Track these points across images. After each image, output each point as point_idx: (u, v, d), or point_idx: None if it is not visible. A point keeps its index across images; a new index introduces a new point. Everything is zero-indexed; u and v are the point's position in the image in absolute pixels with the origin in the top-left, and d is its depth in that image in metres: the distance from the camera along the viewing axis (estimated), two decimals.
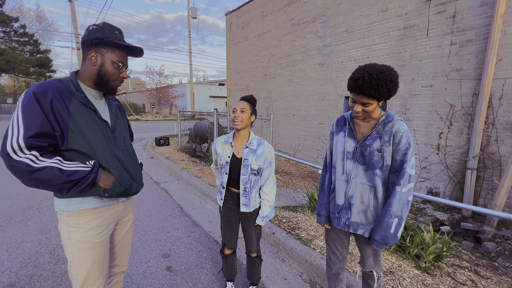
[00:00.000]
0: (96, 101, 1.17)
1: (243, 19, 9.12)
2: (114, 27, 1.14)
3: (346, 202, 1.38)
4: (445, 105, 4.24)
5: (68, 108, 1.01)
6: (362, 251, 1.43)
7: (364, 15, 5.30)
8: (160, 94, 29.32)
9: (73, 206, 1.09)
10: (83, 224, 1.11)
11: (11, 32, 22.27)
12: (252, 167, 1.60)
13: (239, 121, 1.56)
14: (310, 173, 6.29)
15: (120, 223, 1.32)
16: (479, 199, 3.94)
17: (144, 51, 1.22)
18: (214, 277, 2.14)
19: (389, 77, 1.15)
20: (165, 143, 8.26)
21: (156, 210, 3.49)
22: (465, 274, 2.16)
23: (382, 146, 1.26)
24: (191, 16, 20.23)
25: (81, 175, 1.01)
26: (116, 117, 1.25)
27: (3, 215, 3.14)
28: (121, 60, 1.14)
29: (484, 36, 3.76)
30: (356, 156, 1.34)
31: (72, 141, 1.02)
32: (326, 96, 6.33)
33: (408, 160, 1.21)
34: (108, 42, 1.09)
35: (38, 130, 0.94)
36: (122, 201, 1.26)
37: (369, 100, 1.20)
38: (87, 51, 1.11)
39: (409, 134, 1.23)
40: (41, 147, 0.97)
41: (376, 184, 1.29)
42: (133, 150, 1.32)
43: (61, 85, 1.04)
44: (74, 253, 1.12)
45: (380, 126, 1.28)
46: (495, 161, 3.77)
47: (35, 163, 0.94)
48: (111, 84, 1.16)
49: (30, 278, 2.04)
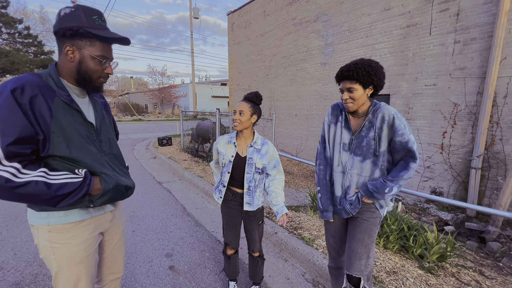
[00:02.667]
0: (80, 99, 1.02)
1: (245, 19, 9.12)
2: (92, 11, 0.93)
3: (343, 193, 1.42)
4: (449, 104, 4.20)
5: (50, 107, 0.86)
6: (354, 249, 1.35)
7: (367, 13, 5.27)
8: (162, 95, 29.45)
9: (54, 219, 0.95)
10: (67, 240, 0.98)
11: (15, 34, 22.52)
12: (257, 166, 1.61)
13: (237, 123, 1.57)
14: (313, 173, 6.27)
15: (109, 233, 1.21)
16: (484, 198, 3.90)
17: (130, 40, 1.03)
18: (216, 276, 2.14)
19: (367, 62, 1.27)
20: (167, 143, 8.29)
21: (159, 209, 3.51)
22: (469, 274, 2.14)
23: (375, 133, 1.31)
24: (193, 16, 20.27)
25: (71, 188, 0.88)
26: (102, 117, 1.11)
27: (8, 215, 3.18)
28: (102, 54, 0.97)
29: (489, 34, 3.72)
30: (352, 147, 1.37)
31: (54, 146, 0.87)
32: (329, 95, 6.31)
33: (410, 138, 1.27)
34: (85, 33, 0.91)
35: (18, 134, 0.79)
36: (110, 211, 1.16)
37: (352, 84, 1.29)
38: (61, 42, 0.92)
39: (399, 115, 1.29)
40: (23, 155, 0.82)
41: (373, 172, 1.34)
42: (120, 153, 1.19)
43: (40, 80, 0.88)
44: (60, 268, 1.00)
45: (371, 115, 1.34)
46: (500, 160, 3.73)
47: (16, 177, 0.79)
48: (95, 82, 1.00)
49: (35, 277, 2.06)
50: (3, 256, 2.33)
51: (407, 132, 1.27)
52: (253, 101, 1.60)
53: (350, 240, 1.40)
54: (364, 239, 1.35)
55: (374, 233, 1.37)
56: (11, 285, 1.96)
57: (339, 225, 1.52)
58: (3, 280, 2.01)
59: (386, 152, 1.34)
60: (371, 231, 1.36)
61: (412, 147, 1.26)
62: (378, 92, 1.34)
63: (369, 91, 1.32)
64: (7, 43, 22.69)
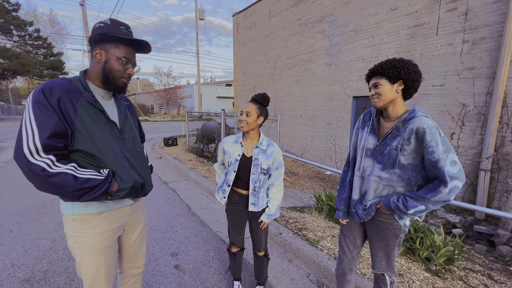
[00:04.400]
0: (105, 101, 1.14)
1: (250, 20, 9.14)
2: (120, 23, 1.10)
3: (360, 197, 1.39)
4: (457, 104, 4.14)
5: (75, 107, 0.99)
6: (374, 253, 1.41)
7: (373, 14, 5.23)
8: (168, 95, 29.72)
9: (77, 209, 1.08)
10: (88, 230, 1.09)
11: (25, 36, 23.08)
12: (262, 167, 1.62)
13: (244, 124, 1.58)
14: (318, 174, 6.24)
15: (130, 227, 1.29)
16: (493, 201, 3.82)
17: (151, 46, 1.16)
18: (221, 276, 2.16)
19: (396, 58, 1.24)
20: (173, 143, 8.37)
21: (165, 209, 3.55)
22: (477, 278, 2.10)
23: (399, 144, 1.21)
24: (199, 18, 20.42)
25: (94, 183, 0.99)
26: (125, 117, 1.21)
27: (19, 213, 3.26)
28: (125, 56, 1.09)
29: (498, 34, 3.65)
30: (376, 154, 1.31)
31: (78, 141, 0.99)
32: (334, 96, 6.27)
33: (441, 158, 1.09)
34: (111, 37, 1.05)
35: (53, 130, 0.92)
36: (129, 205, 1.23)
37: (377, 79, 1.25)
38: (92, 48, 1.08)
39: (434, 130, 1.12)
40: (58, 148, 0.95)
41: (395, 183, 1.25)
42: (143, 151, 1.29)
43: (68, 84, 1.02)
44: (82, 256, 1.12)
45: (401, 124, 1.23)
46: (510, 162, 3.65)
47: (51, 168, 0.92)
48: (117, 81, 1.11)
49: (44, 274, 2.10)
50: (14, 253, 2.39)
51: (439, 151, 1.10)
52: (260, 103, 1.61)
53: (370, 244, 1.44)
54: (382, 247, 1.36)
55: (393, 242, 1.33)
56: (22, 282, 2.01)
57: (354, 227, 1.50)
58: (14, 276, 2.07)
59: (419, 167, 1.21)
60: (388, 241, 1.33)
61: (442, 169, 1.08)
62: (411, 90, 1.24)
63: (399, 87, 1.23)
64: (18, 45, 23.25)
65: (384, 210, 1.30)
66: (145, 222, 1.38)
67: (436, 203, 1.15)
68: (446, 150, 1.11)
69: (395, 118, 1.29)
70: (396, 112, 1.28)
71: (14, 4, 21.49)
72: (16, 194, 3.94)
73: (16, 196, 3.86)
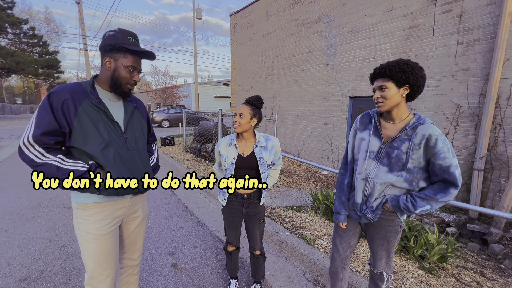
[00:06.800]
0: (112, 103, 1.24)
1: (247, 20, 9.15)
2: (128, 33, 1.20)
3: (363, 200, 1.38)
4: (452, 105, 4.20)
5: (76, 108, 1.10)
6: (376, 252, 1.43)
7: (369, 15, 5.28)
8: (165, 95, 29.57)
9: (80, 199, 1.19)
10: (88, 217, 1.19)
11: (20, 34, 22.80)
12: (268, 163, 1.68)
13: (237, 125, 1.60)
14: (314, 174, 6.28)
15: (128, 218, 1.36)
16: (486, 200, 3.89)
17: (156, 55, 1.27)
18: (218, 274, 2.17)
19: (404, 61, 1.20)
20: (170, 143, 8.35)
21: (162, 208, 3.55)
22: (470, 276, 2.15)
23: (409, 149, 1.21)
24: (196, 17, 20.36)
25: (77, 174, 1.09)
26: (130, 118, 1.30)
27: (14, 212, 3.24)
28: (132, 65, 1.20)
29: (492, 36, 3.71)
30: (380, 156, 1.30)
31: (74, 139, 1.11)
32: (331, 96, 6.31)
33: (452, 163, 1.16)
34: (120, 47, 1.16)
35: (44, 128, 1.06)
36: (129, 198, 1.30)
37: (384, 82, 1.22)
38: (103, 57, 1.19)
39: (444, 137, 1.19)
40: (48, 144, 1.08)
41: (398, 184, 1.28)
42: (145, 150, 1.36)
43: (78, 87, 1.14)
44: (82, 242, 1.21)
45: (410, 129, 1.23)
46: (502, 162, 3.72)
47: (39, 158, 1.07)
48: (123, 87, 1.23)
49: (40, 273, 2.10)
50: (10, 252, 2.38)
51: (450, 156, 1.16)
52: (253, 104, 1.61)
53: (370, 244, 1.45)
54: (384, 244, 1.38)
55: (394, 239, 1.37)
56: (18, 281, 2.00)
57: (350, 227, 1.51)
58: (10, 276, 2.06)
59: (422, 170, 1.25)
60: (390, 237, 1.37)
61: (454, 173, 1.16)
62: (416, 94, 1.25)
63: (404, 91, 1.22)
64: (12, 44, 22.96)
65: (390, 210, 1.32)
66: (144, 216, 1.44)
67: (441, 203, 1.22)
68: (453, 155, 1.18)
69: (399, 121, 1.28)
70: (400, 115, 1.27)
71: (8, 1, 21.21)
72: (11, 193, 3.91)
73: (11, 195, 3.83)
